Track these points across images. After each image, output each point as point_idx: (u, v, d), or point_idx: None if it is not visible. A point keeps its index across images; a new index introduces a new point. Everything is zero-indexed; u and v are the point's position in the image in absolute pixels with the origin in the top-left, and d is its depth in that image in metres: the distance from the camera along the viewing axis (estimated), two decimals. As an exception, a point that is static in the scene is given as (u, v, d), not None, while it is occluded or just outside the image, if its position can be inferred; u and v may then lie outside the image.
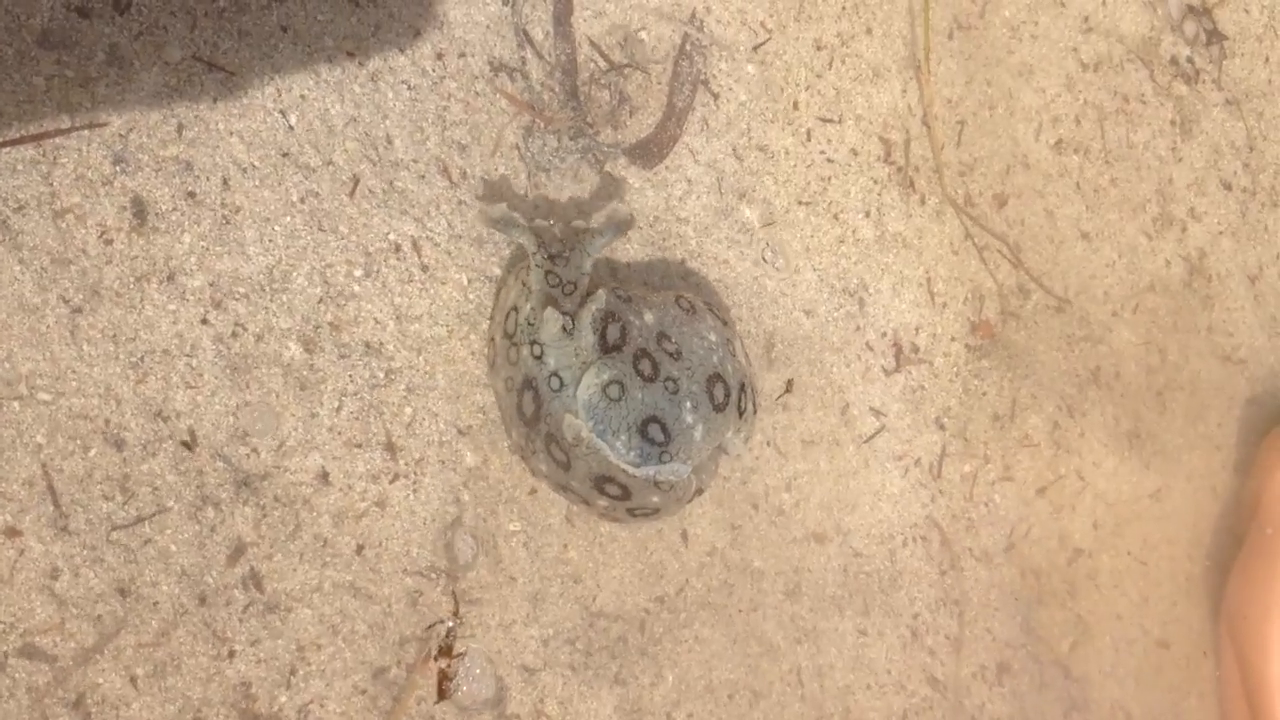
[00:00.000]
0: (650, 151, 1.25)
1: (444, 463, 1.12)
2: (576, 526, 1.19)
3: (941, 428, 1.44)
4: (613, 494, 1.06)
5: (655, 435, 1.03)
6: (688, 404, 1.04)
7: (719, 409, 1.06)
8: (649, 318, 1.07)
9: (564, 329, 1.03)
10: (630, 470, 1.03)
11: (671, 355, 1.05)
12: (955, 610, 1.45)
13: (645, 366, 1.04)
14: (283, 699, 1.05)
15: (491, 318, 1.13)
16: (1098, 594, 1.59)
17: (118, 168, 0.99)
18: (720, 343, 1.09)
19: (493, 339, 1.11)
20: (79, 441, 0.97)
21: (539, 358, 1.04)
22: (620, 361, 1.03)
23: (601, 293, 1.06)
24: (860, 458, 1.38)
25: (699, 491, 1.12)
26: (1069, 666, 1.56)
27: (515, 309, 1.07)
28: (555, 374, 1.03)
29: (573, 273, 1.08)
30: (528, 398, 1.05)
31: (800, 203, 1.34)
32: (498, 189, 1.15)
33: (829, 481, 1.36)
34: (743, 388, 1.10)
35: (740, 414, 1.10)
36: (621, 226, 1.14)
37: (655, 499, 1.08)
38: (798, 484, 1.34)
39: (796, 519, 1.34)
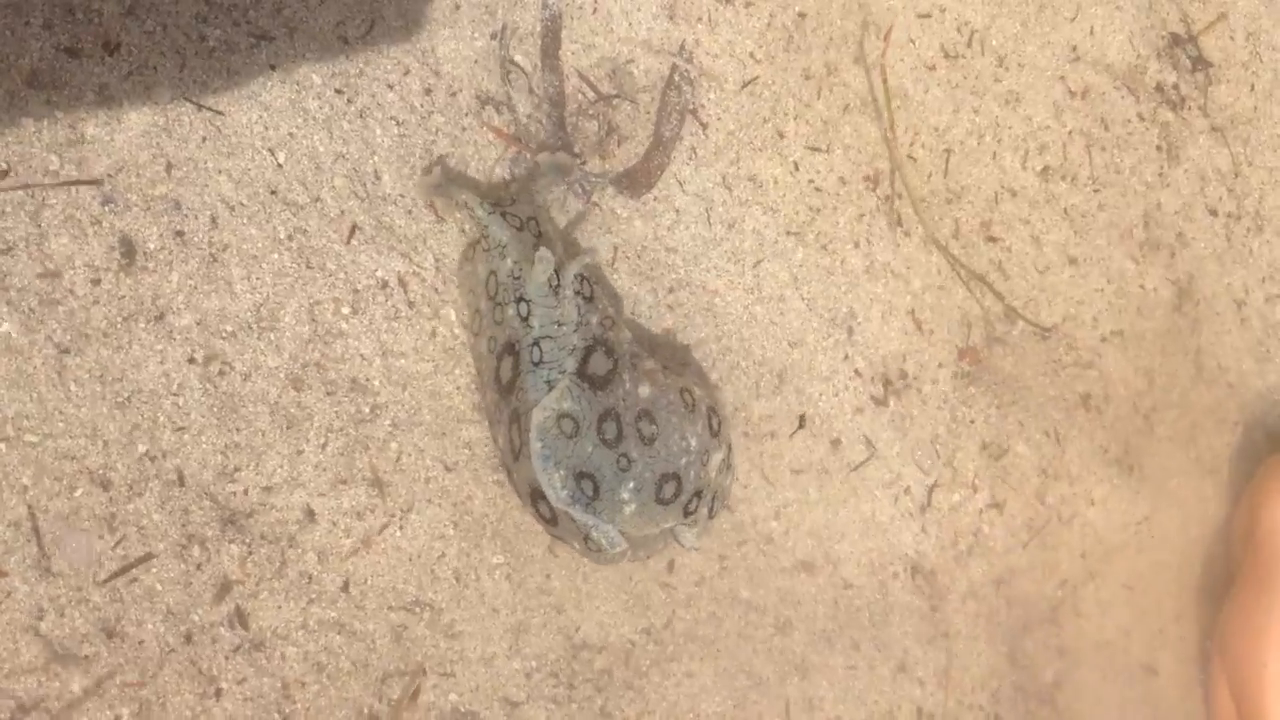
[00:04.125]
0: (637, 181, 1.25)
1: (430, 499, 1.13)
2: (560, 557, 1.20)
3: (930, 457, 1.45)
4: (543, 513, 1.05)
5: (586, 489, 1.01)
6: (631, 484, 1.01)
7: (662, 502, 1.04)
8: (644, 391, 1.04)
9: (550, 283, 1.02)
10: (560, 506, 1.01)
11: (643, 438, 1.02)
12: (944, 642, 1.46)
13: (609, 430, 1.01)
14: (269, 736, 1.05)
15: (471, 293, 1.11)
16: (1086, 623, 1.59)
17: (106, 207, 0.99)
18: (698, 451, 1.05)
19: (477, 310, 1.09)
20: (65, 482, 0.97)
21: (525, 318, 1.03)
22: (586, 402, 1.01)
23: (592, 250, 1.08)
24: (849, 487, 1.39)
25: (631, 560, 1.11)
26: (1055, 697, 1.56)
27: (494, 273, 1.06)
28: (537, 343, 1.02)
29: (526, 209, 1.07)
30: (507, 363, 1.04)
31: (789, 233, 1.34)
32: (435, 164, 1.14)
33: (818, 511, 1.36)
34: (698, 494, 1.07)
35: (687, 514, 1.07)
36: (562, 170, 1.15)
37: (577, 546, 1.07)
38: (786, 513, 1.34)
39: (786, 548, 1.34)
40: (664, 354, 1.26)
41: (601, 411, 1.01)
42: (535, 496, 1.04)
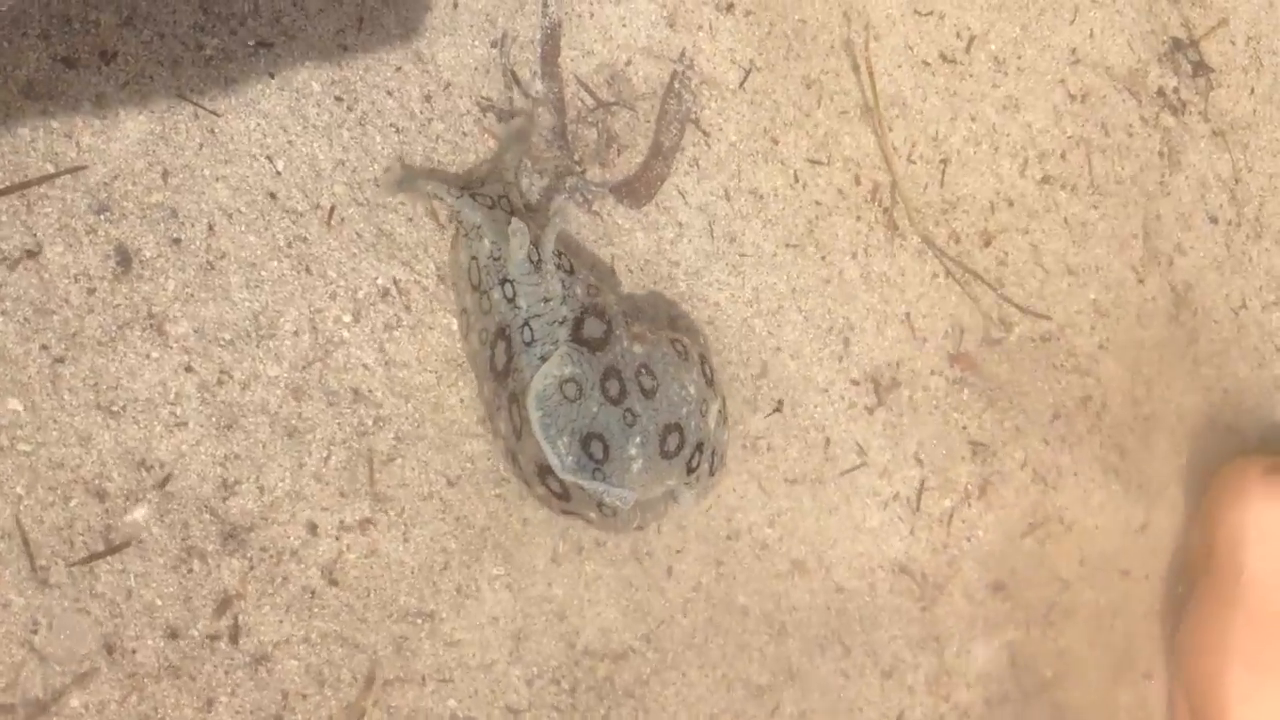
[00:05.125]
0: (637, 191, 1.25)
1: (432, 512, 1.12)
2: (562, 566, 1.19)
3: (920, 462, 1.45)
4: (553, 488, 1.05)
5: (595, 452, 1.01)
6: (637, 439, 1.02)
7: (666, 456, 1.05)
8: (638, 349, 1.05)
9: (529, 258, 1.02)
10: (566, 476, 1.01)
11: (645, 391, 1.04)
12: (936, 646, 1.46)
13: (613, 388, 1.02)
14: (268, 748, 1.05)
15: (455, 288, 1.11)
16: (1081, 628, 1.60)
17: (101, 216, 0.98)
18: (696, 399, 1.07)
19: (464, 309, 1.09)
20: (59, 492, 0.96)
21: (511, 299, 1.03)
22: (587, 364, 1.01)
23: (561, 210, 1.07)
24: (842, 494, 1.38)
25: (639, 528, 1.11)
26: (1052, 703, 1.56)
27: (475, 258, 1.06)
28: (527, 323, 1.02)
29: (496, 188, 1.07)
30: (500, 349, 1.04)
31: (788, 245, 1.34)
32: (393, 162, 1.13)
33: (811, 518, 1.36)
34: (699, 447, 1.08)
35: (690, 471, 1.08)
36: (521, 135, 1.14)
37: (592, 515, 1.06)
38: (781, 521, 1.34)
39: (780, 553, 1.34)
40: (649, 315, 1.25)
41: (603, 370, 1.02)
42: (543, 472, 1.04)
